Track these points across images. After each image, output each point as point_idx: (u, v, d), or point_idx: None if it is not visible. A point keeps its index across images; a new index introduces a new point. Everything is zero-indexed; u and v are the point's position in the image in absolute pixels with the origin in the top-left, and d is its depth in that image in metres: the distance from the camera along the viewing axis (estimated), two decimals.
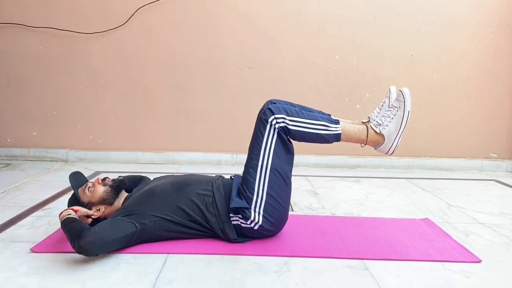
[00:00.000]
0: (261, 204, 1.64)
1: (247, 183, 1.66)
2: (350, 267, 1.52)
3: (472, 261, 1.59)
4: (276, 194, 1.65)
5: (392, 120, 1.69)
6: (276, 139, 1.64)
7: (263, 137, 1.65)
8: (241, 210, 1.64)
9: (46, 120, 3.35)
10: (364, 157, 3.38)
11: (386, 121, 1.70)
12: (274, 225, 1.68)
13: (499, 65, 3.33)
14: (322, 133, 1.67)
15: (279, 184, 1.66)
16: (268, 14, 3.26)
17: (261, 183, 1.64)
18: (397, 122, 1.69)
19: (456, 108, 3.38)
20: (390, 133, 1.69)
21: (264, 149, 1.65)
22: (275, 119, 1.63)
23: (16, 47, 3.27)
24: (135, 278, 1.40)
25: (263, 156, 1.65)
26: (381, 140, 1.72)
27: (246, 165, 1.70)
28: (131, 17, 3.23)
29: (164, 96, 3.33)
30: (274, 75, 3.31)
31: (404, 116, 1.67)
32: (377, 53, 3.30)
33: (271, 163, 1.64)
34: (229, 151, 3.38)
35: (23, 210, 2.08)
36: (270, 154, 1.64)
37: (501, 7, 3.27)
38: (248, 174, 1.67)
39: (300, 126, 1.65)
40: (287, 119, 1.63)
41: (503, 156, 3.44)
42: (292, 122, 1.63)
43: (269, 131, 1.64)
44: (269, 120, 1.64)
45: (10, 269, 1.45)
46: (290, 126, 1.63)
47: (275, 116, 1.63)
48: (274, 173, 1.65)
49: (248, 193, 1.65)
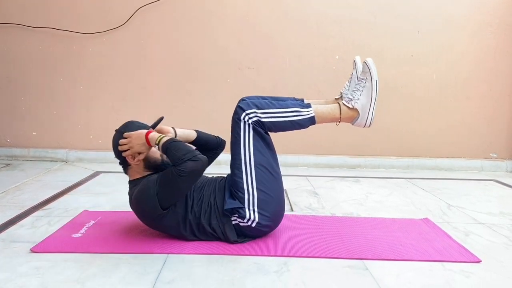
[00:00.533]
0: (254, 201, 1.64)
1: (236, 184, 1.67)
2: (350, 267, 1.52)
3: (472, 261, 1.59)
4: (266, 189, 1.66)
5: (362, 93, 1.70)
6: (253, 135, 1.66)
7: (240, 136, 1.67)
8: (236, 210, 1.64)
9: (46, 120, 3.35)
10: (364, 157, 3.38)
11: (357, 95, 1.70)
12: (270, 219, 1.68)
13: (499, 65, 3.33)
14: (296, 119, 1.67)
15: (267, 178, 1.67)
16: (268, 14, 3.26)
17: (249, 181, 1.65)
18: (367, 94, 1.69)
19: (456, 108, 3.38)
20: (363, 106, 1.69)
21: (244, 147, 1.66)
22: (247, 115, 1.65)
23: (16, 47, 3.27)
24: (135, 278, 1.40)
25: (244, 154, 1.66)
26: (356, 115, 1.72)
27: (231, 167, 1.71)
28: (131, 17, 3.23)
29: (163, 96, 3.33)
30: (274, 75, 3.31)
31: (373, 86, 1.67)
32: (377, 53, 3.30)
33: (254, 159, 1.66)
34: (228, 151, 3.37)
35: (23, 210, 2.08)
36: (251, 150, 1.66)
37: (501, 7, 3.27)
38: (234, 175, 1.68)
39: (273, 117, 1.66)
40: (258, 113, 1.64)
41: (503, 156, 3.44)
42: (264, 115, 1.65)
43: (244, 128, 1.66)
44: (241, 117, 1.65)
45: (10, 269, 1.45)
46: (263, 119, 1.65)
47: (246, 112, 1.65)
48: (259, 168, 1.66)
49: (239, 193, 1.65)
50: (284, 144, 3.37)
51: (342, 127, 3.36)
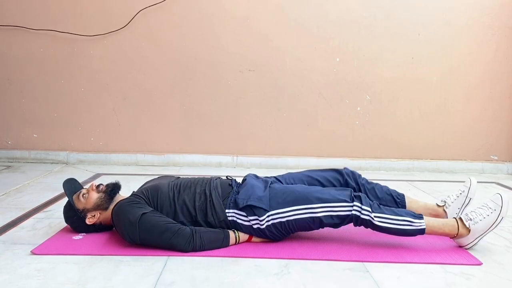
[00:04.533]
0: (276, 219, 1.65)
1: (293, 197, 1.67)
2: (350, 269, 1.52)
3: (473, 264, 1.58)
4: (290, 228, 1.67)
5: (483, 219, 1.66)
6: (338, 216, 1.64)
7: (338, 203, 1.64)
8: (255, 208, 1.65)
9: (47, 122, 3.35)
10: (365, 159, 3.38)
11: (477, 218, 1.67)
12: (268, 237, 1.70)
13: (500, 68, 3.33)
14: (406, 228, 1.65)
15: (299, 226, 1.67)
16: (268, 16, 3.26)
17: (295, 212, 1.65)
18: (487, 223, 1.66)
19: (457, 110, 3.38)
20: (476, 230, 1.67)
21: (328, 207, 1.64)
22: (359, 208, 1.63)
23: (17, 49, 3.28)
24: (136, 280, 1.40)
25: (319, 207, 1.64)
26: (465, 234, 1.69)
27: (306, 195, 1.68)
28: (132, 20, 3.23)
29: (164, 98, 3.33)
30: (275, 77, 3.32)
31: (496, 221, 1.65)
32: (377, 56, 3.31)
33: (317, 215, 1.64)
34: (229, 153, 3.38)
35: (23, 212, 2.08)
36: (325, 213, 1.64)
37: (502, 10, 3.27)
38: (300, 197, 1.67)
39: (386, 222, 1.64)
40: (372, 215, 1.63)
41: (504, 159, 3.44)
42: (378, 218, 1.63)
43: (345, 208, 1.64)
44: (353, 204, 1.63)
45: (10, 271, 1.45)
46: (376, 222, 1.63)
47: (361, 207, 1.63)
48: (308, 220, 1.65)
49: (281, 201, 1.66)
50: (285, 146, 3.38)
51: (340, 131, 3.39)
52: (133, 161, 3.36)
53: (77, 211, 1.73)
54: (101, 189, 1.78)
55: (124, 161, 3.35)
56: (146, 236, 1.59)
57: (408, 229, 1.65)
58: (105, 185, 1.80)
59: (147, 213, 1.61)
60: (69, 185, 1.81)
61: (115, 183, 1.82)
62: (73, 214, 1.74)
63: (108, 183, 1.82)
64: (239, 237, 1.69)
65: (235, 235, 1.68)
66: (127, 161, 3.36)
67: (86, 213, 1.73)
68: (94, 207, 1.74)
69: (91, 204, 1.73)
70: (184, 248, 1.59)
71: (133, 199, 1.68)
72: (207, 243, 1.62)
